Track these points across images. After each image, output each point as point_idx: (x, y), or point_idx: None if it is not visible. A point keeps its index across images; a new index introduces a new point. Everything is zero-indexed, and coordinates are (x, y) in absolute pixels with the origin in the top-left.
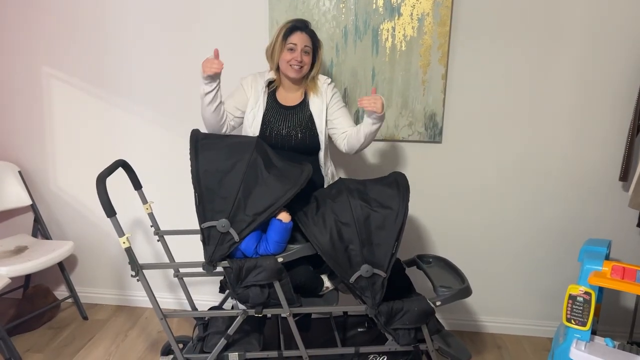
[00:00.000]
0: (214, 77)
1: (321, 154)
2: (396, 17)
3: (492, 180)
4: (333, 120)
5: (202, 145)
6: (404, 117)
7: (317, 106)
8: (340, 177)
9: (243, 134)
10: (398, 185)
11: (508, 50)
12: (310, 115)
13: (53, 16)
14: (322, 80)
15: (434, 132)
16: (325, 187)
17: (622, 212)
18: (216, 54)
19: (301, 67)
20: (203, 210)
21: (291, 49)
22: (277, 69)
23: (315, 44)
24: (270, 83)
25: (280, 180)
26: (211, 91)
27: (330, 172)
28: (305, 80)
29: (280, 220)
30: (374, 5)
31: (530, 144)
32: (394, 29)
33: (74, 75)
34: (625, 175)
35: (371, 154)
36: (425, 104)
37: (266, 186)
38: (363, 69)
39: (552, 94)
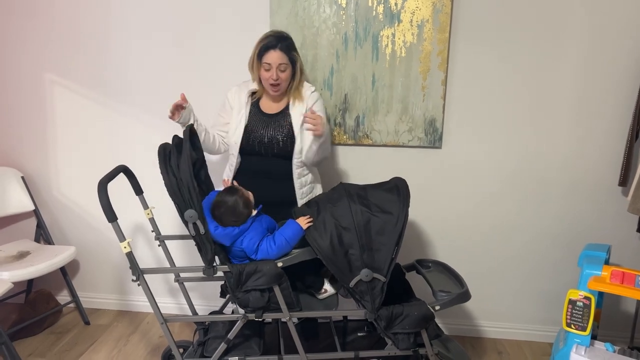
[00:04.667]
0: (183, 122)
1: (294, 160)
2: (396, 24)
3: (492, 185)
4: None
5: (171, 156)
6: (404, 123)
7: (298, 111)
8: (341, 182)
9: (227, 140)
10: (398, 190)
11: (507, 56)
12: (291, 121)
13: (56, 24)
14: (306, 88)
15: (434, 138)
16: (297, 197)
17: (621, 217)
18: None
19: (278, 84)
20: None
21: (267, 69)
22: (260, 80)
23: (292, 58)
24: (254, 93)
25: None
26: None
27: (304, 180)
28: (289, 90)
29: (300, 225)
30: (374, 12)
31: (529, 149)
32: (393, 35)
33: (76, 82)
34: (624, 180)
35: (372, 159)
36: (425, 109)
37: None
38: (363, 75)
39: (552, 99)
